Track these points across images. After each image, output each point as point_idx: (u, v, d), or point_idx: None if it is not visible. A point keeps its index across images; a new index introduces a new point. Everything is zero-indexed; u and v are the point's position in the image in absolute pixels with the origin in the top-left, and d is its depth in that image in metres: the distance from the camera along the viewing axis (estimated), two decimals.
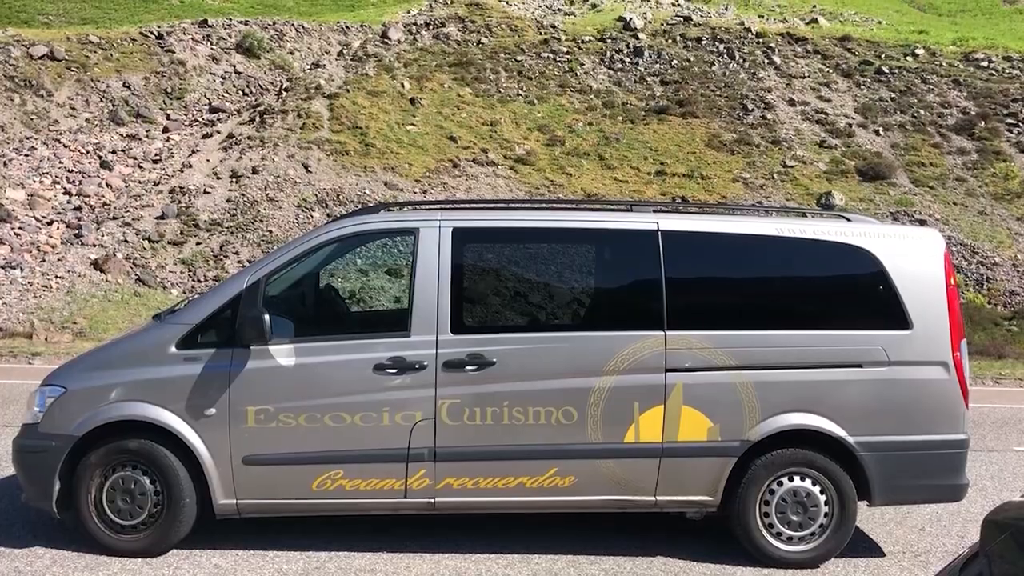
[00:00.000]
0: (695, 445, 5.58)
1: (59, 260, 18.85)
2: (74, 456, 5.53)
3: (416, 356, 5.49)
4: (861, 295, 5.86)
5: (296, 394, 5.50)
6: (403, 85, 26.22)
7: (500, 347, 5.53)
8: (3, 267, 18.25)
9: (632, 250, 5.82)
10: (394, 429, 5.47)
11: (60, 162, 22.44)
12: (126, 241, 19.70)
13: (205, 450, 5.48)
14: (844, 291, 5.92)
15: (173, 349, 5.55)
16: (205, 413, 5.48)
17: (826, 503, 5.68)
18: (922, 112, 26.02)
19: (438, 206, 6.84)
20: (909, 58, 28.43)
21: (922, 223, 21.69)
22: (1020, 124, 25.23)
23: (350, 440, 5.49)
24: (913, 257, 5.77)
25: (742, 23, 30.83)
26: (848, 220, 6.12)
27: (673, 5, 35.04)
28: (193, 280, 18.85)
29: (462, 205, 7.75)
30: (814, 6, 39.10)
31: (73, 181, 21.96)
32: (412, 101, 25.54)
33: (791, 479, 5.69)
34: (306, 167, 22.28)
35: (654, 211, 6.06)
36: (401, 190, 22.09)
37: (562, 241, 6.44)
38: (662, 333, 5.56)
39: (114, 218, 20.50)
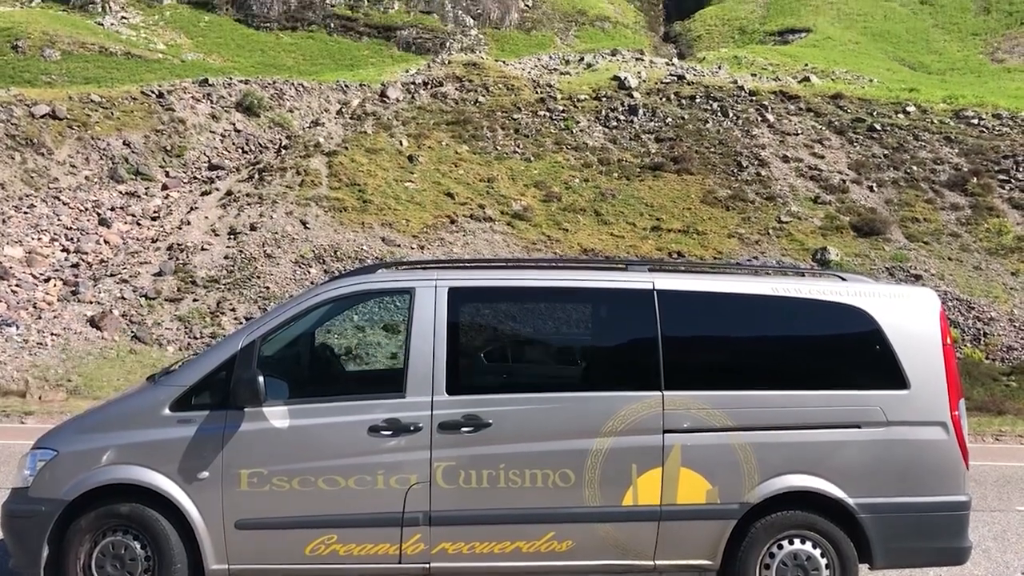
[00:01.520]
0: (694, 508, 5.52)
1: (55, 317, 18.82)
2: (64, 521, 5.45)
3: (411, 418, 5.45)
4: (858, 355, 5.84)
5: (290, 457, 5.44)
6: (401, 143, 26.50)
7: (496, 408, 5.50)
8: None
9: (628, 310, 5.83)
10: (389, 492, 5.40)
11: (59, 219, 22.54)
12: (123, 298, 19.70)
13: (197, 514, 5.41)
14: (841, 351, 5.90)
15: (167, 411, 5.51)
16: (198, 476, 5.42)
17: (827, 566, 5.59)
18: (915, 168, 26.29)
19: (434, 265, 6.86)
20: (901, 115, 28.82)
21: (917, 278, 21.79)
22: (1012, 180, 25.49)
23: (344, 504, 5.42)
24: (909, 316, 5.77)
25: (735, 81, 31.30)
26: (843, 280, 6.14)
27: (667, 64, 35.62)
28: (189, 337, 18.80)
29: (458, 264, 7.77)
30: (806, 64, 39.81)
31: (71, 238, 22.03)
32: (410, 158, 25.79)
33: (791, 542, 5.61)
34: (304, 224, 22.40)
35: (649, 270, 6.07)
36: (399, 246, 22.17)
37: (558, 300, 6.44)
38: (659, 393, 5.53)
39: (111, 275, 20.52)
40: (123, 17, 46.77)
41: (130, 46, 41.56)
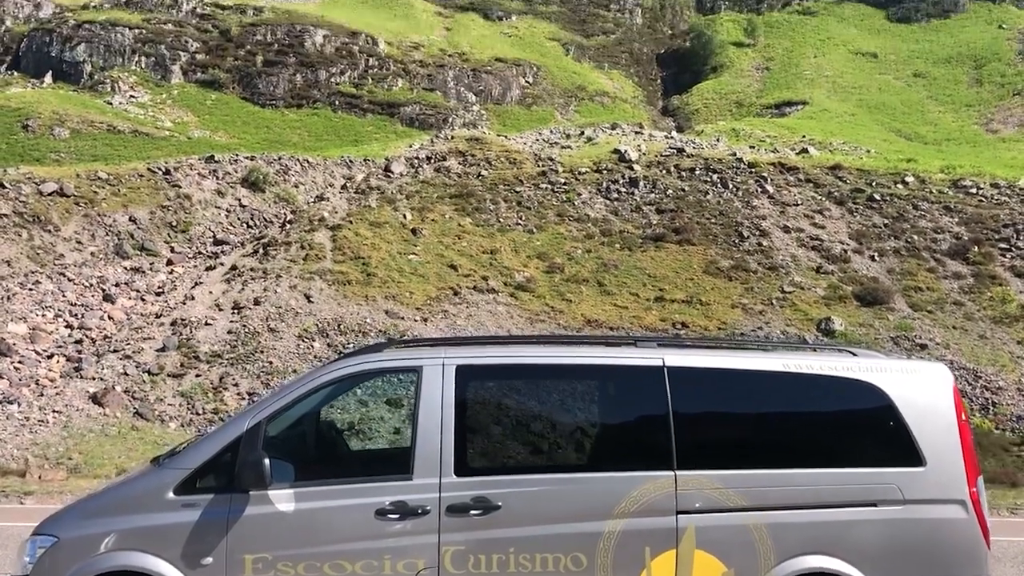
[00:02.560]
0: None
1: (57, 394, 18.71)
2: None
3: (419, 500, 5.34)
4: (872, 432, 5.75)
5: (295, 541, 5.32)
6: (405, 216, 26.72)
7: (505, 490, 5.39)
8: (0, 402, 18.09)
9: (639, 387, 5.75)
10: None
11: (63, 295, 22.59)
12: (126, 374, 19.61)
13: None
14: (854, 428, 5.81)
15: (171, 495, 5.41)
16: (201, 562, 5.28)
17: None
18: (916, 237, 26.42)
19: (442, 342, 6.82)
20: (899, 185, 29.09)
21: (923, 347, 21.69)
22: (1013, 249, 25.58)
23: None
24: (922, 392, 5.70)
25: (734, 154, 31.69)
26: (854, 355, 6.07)
27: (666, 137, 36.15)
28: (192, 413, 18.66)
29: (465, 341, 7.73)
30: (803, 136, 40.36)
31: (75, 314, 22.05)
32: (414, 231, 25.97)
33: None
34: (308, 297, 22.43)
35: (659, 345, 6.02)
36: (402, 319, 22.16)
37: (568, 378, 6.38)
38: (672, 473, 5.43)
39: (115, 351, 20.47)
40: (132, 96, 47.67)
41: (138, 124, 42.27)
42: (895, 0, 70.29)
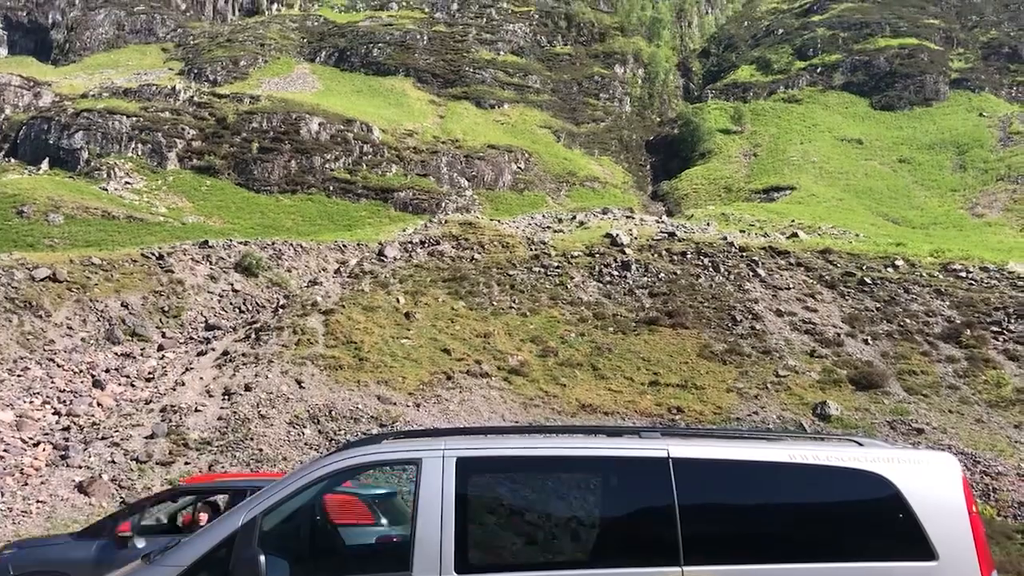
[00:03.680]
0: None
1: (42, 483, 18.30)
2: None
3: None
4: (881, 524, 5.63)
5: None
6: (398, 300, 26.72)
7: None
8: None
9: (644, 479, 5.64)
10: None
11: (52, 382, 22.35)
12: (113, 462, 19.24)
13: None
14: (863, 520, 5.68)
15: None
16: None
17: None
18: (908, 321, 26.49)
19: (441, 433, 6.70)
20: (890, 269, 29.33)
21: (919, 432, 21.52)
22: (1005, 332, 25.64)
23: None
24: (931, 483, 5.60)
25: (725, 238, 31.99)
26: (860, 444, 5.99)
27: (657, 222, 36.54)
28: None
29: (465, 432, 7.60)
30: (792, 220, 40.88)
31: (64, 401, 21.77)
32: (407, 315, 25.93)
33: None
34: (299, 383, 22.22)
35: (663, 435, 5.93)
36: (394, 404, 21.93)
37: (571, 470, 6.25)
38: (679, 569, 5.28)
39: (102, 438, 20.13)
40: (127, 182, 48.15)
41: (132, 210, 42.59)
42: (878, 89, 72.18)
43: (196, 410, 21.18)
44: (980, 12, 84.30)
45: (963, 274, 28.97)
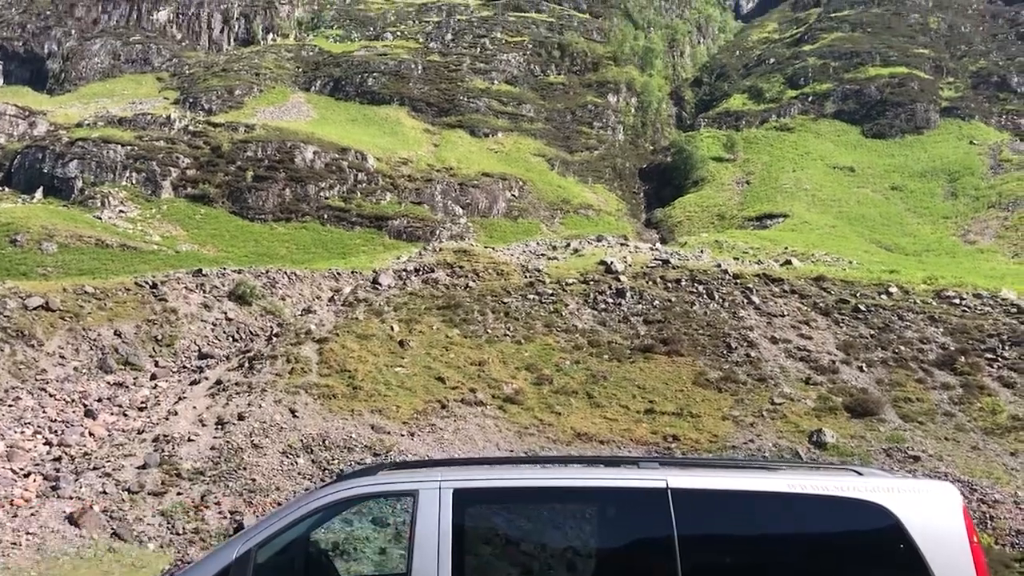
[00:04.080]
0: None
1: (32, 515, 18.09)
2: None
3: None
4: (882, 555, 5.58)
5: None
6: (392, 328, 26.65)
7: None
8: None
9: (643, 510, 5.60)
10: None
11: (44, 411, 22.17)
12: (104, 492, 19.04)
13: None
14: (864, 551, 5.64)
15: None
16: None
17: None
18: (903, 348, 26.50)
19: (437, 464, 6.65)
20: (884, 296, 29.39)
21: (916, 459, 21.45)
22: (999, 359, 25.66)
23: None
24: (932, 513, 5.56)
25: (719, 265, 32.06)
26: (860, 474, 5.96)
27: (651, 249, 36.63)
28: (172, 533, 18.05)
29: (462, 463, 7.54)
30: (786, 248, 41.01)
31: (55, 431, 21.58)
32: (401, 343, 25.86)
33: None
34: (293, 412, 22.09)
35: (661, 465, 5.89)
36: (388, 433, 21.80)
37: (570, 501, 6.20)
38: None
39: (94, 468, 19.94)
40: (121, 211, 48.15)
41: (126, 238, 42.55)
42: (869, 117, 72.76)
43: (189, 440, 21.01)
44: (969, 42, 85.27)
45: (957, 301, 29.04)
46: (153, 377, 25.01)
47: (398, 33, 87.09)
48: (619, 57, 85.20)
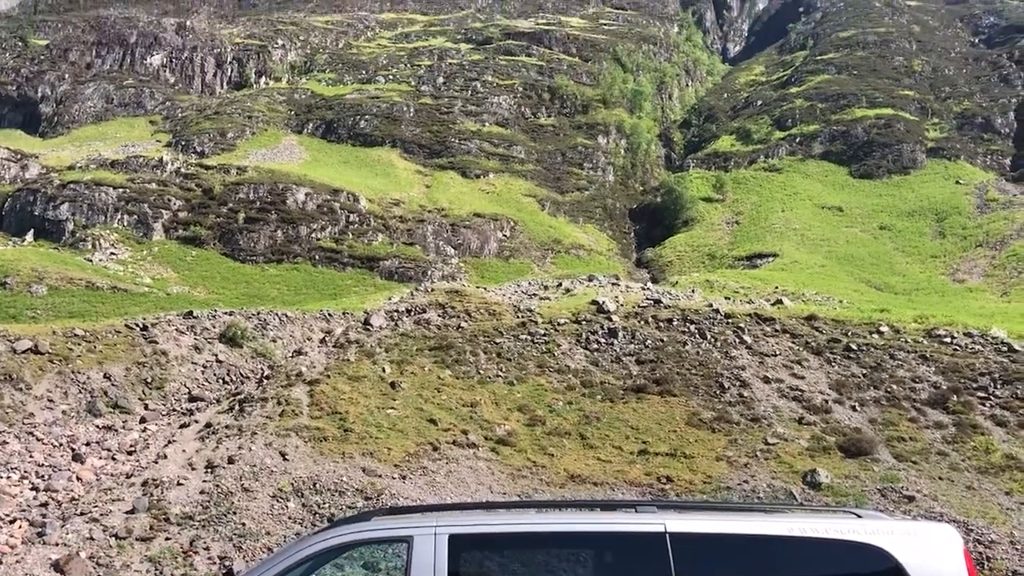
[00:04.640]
0: None
1: (17, 562, 17.78)
2: None
3: None
4: None
5: None
6: (384, 369, 26.53)
7: None
8: None
9: (640, 556, 5.53)
10: None
11: (31, 456, 21.90)
12: (91, 538, 18.75)
13: None
14: None
15: None
16: None
17: None
18: (895, 387, 26.50)
19: (432, 509, 6.58)
20: (875, 335, 29.44)
21: (911, 499, 21.34)
22: (991, 398, 25.66)
23: None
24: (932, 556, 5.52)
25: (710, 304, 32.12)
26: (859, 516, 5.92)
27: (643, 289, 36.71)
28: None
29: (457, 508, 7.47)
30: (776, 287, 41.17)
31: (42, 475, 21.31)
32: (392, 385, 25.73)
33: None
34: (283, 455, 21.87)
35: (659, 509, 5.84)
36: (379, 476, 21.58)
37: (567, 546, 6.13)
38: None
39: (81, 514, 19.65)
40: (112, 253, 48.10)
41: (117, 280, 42.45)
42: (857, 157, 73.56)
43: (178, 484, 20.76)
44: (953, 84, 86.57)
45: (947, 340, 29.12)
46: (142, 420, 24.79)
47: (390, 76, 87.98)
48: (608, 100, 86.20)
